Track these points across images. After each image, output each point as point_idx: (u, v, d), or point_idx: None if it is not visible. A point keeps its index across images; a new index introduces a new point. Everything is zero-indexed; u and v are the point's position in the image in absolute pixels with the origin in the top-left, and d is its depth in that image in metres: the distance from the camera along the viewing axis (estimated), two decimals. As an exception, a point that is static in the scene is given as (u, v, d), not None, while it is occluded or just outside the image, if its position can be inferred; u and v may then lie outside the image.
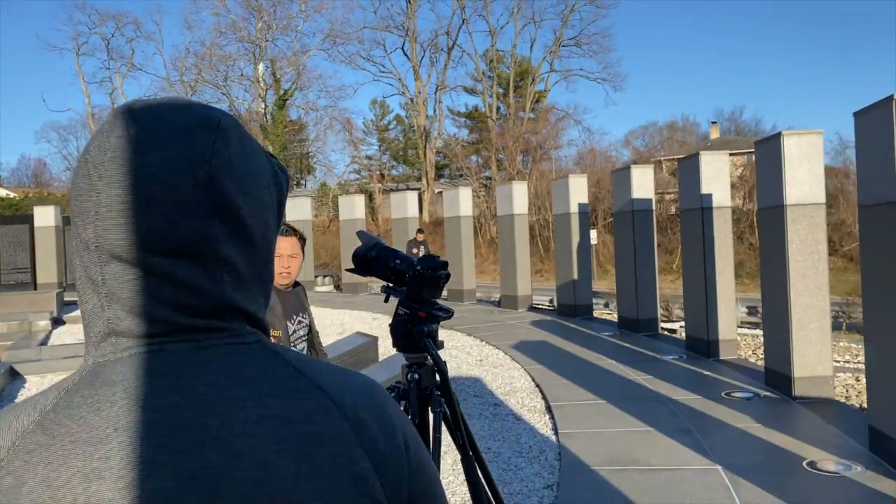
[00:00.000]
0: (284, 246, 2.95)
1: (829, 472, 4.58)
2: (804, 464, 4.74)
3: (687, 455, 5.01)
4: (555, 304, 13.64)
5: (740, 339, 9.88)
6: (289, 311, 3.01)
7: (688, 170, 8.49)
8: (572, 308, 12.08)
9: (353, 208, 17.80)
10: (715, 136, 44.56)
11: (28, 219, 19.54)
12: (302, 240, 3.10)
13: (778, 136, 6.31)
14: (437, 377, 1.88)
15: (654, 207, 10.25)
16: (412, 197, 16.95)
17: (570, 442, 5.42)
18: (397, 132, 53.19)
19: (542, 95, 44.79)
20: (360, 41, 43.30)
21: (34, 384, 8.00)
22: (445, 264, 1.91)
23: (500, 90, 44.62)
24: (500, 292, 14.48)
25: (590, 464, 4.93)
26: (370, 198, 40.18)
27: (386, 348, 9.42)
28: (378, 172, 47.52)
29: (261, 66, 41.68)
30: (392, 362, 7.24)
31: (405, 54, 43.34)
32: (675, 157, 31.48)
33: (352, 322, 12.54)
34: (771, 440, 5.27)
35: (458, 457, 1.97)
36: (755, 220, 21.21)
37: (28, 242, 19.04)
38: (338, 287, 19.21)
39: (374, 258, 1.94)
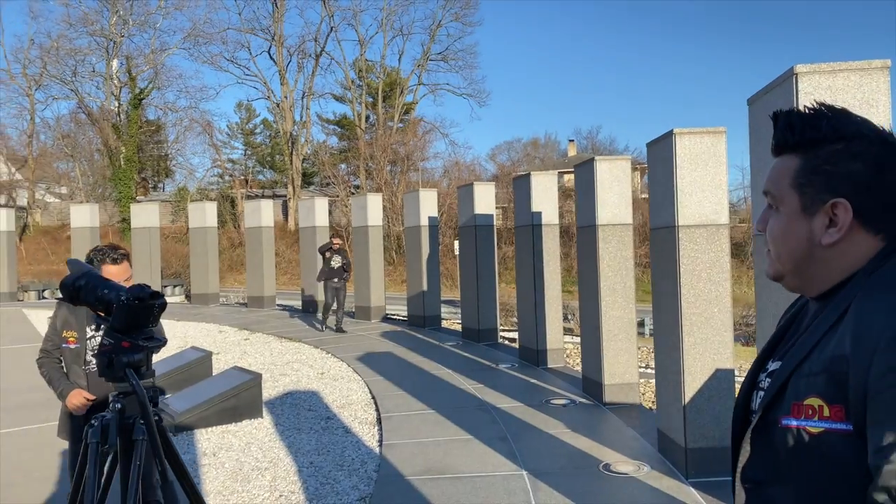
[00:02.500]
0: (116, 272, 3.25)
1: (620, 473, 4.99)
2: (600, 466, 5.13)
3: (497, 461, 5.29)
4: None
5: (571, 348, 10.49)
6: (89, 321, 3.23)
7: (521, 188, 8.96)
8: (422, 318, 12.33)
9: (205, 215, 17.19)
10: (572, 154, 46.94)
11: None
12: (128, 258, 3.40)
13: (591, 161, 6.82)
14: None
15: (494, 222, 10.70)
16: (267, 205, 16.61)
17: (392, 453, 5.55)
18: (264, 137, 51.94)
19: (411, 107, 45.37)
20: (223, 42, 42.03)
21: None
22: (155, 294, 1.94)
23: (370, 99, 44.72)
24: (354, 303, 14.50)
25: (406, 474, 5.08)
26: (232, 204, 38.93)
27: (225, 362, 9.21)
28: (242, 178, 46.14)
29: (115, 63, 39.36)
30: (227, 377, 7.11)
31: (271, 58, 42.50)
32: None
33: (196, 335, 12.12)
34: (576, 444, 5.66)
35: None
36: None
37: None
38: (188, 297, 18.45)
39: (82, 287, 1.94)
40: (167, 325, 12.75)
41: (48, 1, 46.34)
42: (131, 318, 1.87)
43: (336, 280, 11.84)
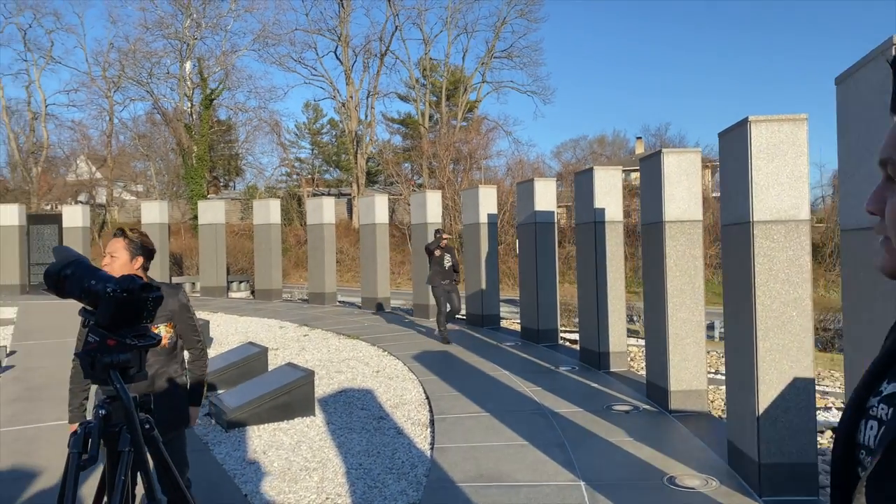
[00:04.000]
0: (110, 245, 3.20)
1: (686, 488, 4.64)
2: (664, 479, 4.79)
3: (553, 470, 5.01)
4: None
5: (635, 351, 10.06)
6: None
7: (583, 184, 8.61)
8: (480, 318, 12.10)
9: (269, 212, 17.41)
10: (640, 151, 45.78)
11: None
12: (129, 241, 3.22)
13: (658, 153, 6.44)
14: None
15: (555, 220, 10.37)
16: (329, 203, 16.70)
17: (443, 457, 5.35)
18: (331, 136, 52.67)
19: (475, 105, 45.13)
20: (291, 43, 42.82)
21: None
22: (148, 286, 1.75)
23: (434, 98, 44.73)
24: (412, 301, 14.40)
25: (456, 480, 4.87)
26: (299, 202, 39.58)
27: (283, 358, 9.21)
28: (309, 176, 46.89)
29: (188, 65, 40.51)
30: (280, 373, 7.05)
31: (337, 58, 42.95)
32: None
33: (257, 330, 12.22)
34: (639, 454, 5.33)
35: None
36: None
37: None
38: (253, 293, 18.75)
39: (68, 277, 1.76)
40: (231, 320, 12.91)
41: (127, 6, 48.20)
42: (119, 313, 1.69)
43: (447, 282, 10.43)
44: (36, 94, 43.05)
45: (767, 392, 4.48)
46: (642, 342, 10.83)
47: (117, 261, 3.16)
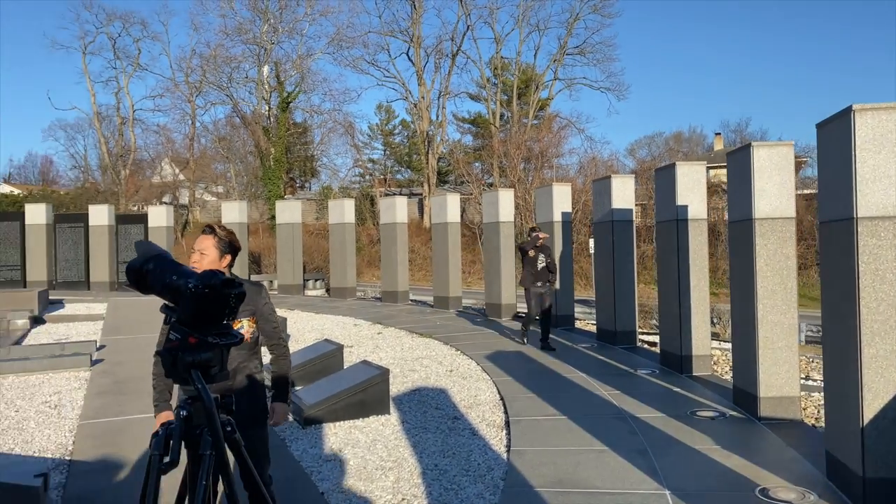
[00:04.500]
0: (199, 242, 3.17)
1: (780, 501, 4.36)
2: (756, 491, 4.52)
3: (636, 477, 4.81)
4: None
5: (719, 354, 9.65)
6: None
7: (664, 180, 8.29)
8: (554, 318, 11.86)
9: (343, 212, 17.65)
10: (719, 148, 44.26)
11: (20, 216, 19.50)
12: (219, 239, 3.19)
13: (748, 147, 6.11)
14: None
15: (633, 218, 10.05)
16: (401, 202, 16.79)
17: (520, 460, 5.22)
18: (402, 137, 53.17)
19: (546, 103, 44.67)
20: (364, 45, 43.42)
21: (-7, 385, 7.86)
22: (230, 282, 1.68)
23: (505, 97, 44.50)
24: (485, 300, 14.28)
25: (534, 484, 4.73)
26: (372, 202, 40.10)
27: (358, 355, 9.26)
28: (381, 177, 47.46)
29: (265, 69, 41.67)
30: (355, 371, 7.07)
31: (409, 59, 43.31)
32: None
33: (332, 328, 12.37)
34: (727, 464, 5.05)
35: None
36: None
37: (19, 240, 19.01)
38: (328, 291, 19.06)
39: (149, 272, 1.71)
40: (307, 317, 13.13)
41: (208, 13, 50.03)
42: (200, 310, 1.63)
43: (541, 284, 9.72)
44: (124, 100, 45.22)
45: (873, 402, 4.15)
46: (725, 345, 10.41)
47: (206, 258, 3.14)
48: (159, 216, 19.52)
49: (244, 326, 3.20)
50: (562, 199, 12.04)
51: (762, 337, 6.03)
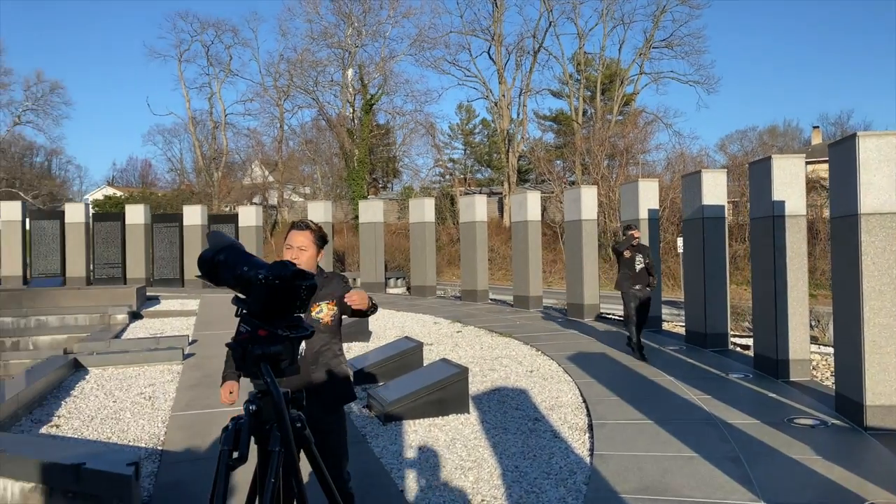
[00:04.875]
0: (294, 238, 3.16)
1: (891, 518, 4.02)
2: (863, 506, 4.19)
3: (728, 487, 4.55)
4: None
5: (818, 359, 9.08)
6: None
7: (759, 175, 7.86)
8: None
9: (424, 211, 17.74)
10: (817, 142, 41.98)
11: (120, 216, 20.60)
12: (315, 234, 3.20)
13: (853, 137, 5.70)
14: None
15: (726, 214, 9.59)
16: (481, 201, 16.71)
17: (604, 465, 5.05)
18: (483, 136, 53.11)
19: (631, 98, 43.59)
20: (446, 45, 43.67)
21: (94, 377, 8.28)
22: (301, 273, 1.63)
23: (588, 93, 43.73)
24: (566, 300, 14.02)
25: (619, 490, 4.55)
26: (452, 201, 40.25)
27: (437, 353, 9.25)
28: (461, 176, 47.56)
29: (350, 72, 42.52)
30: (435, 369, 7.05)
31: (490, 58, 43.20)
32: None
33: (412, 325, 12.43)
34: (830, 475, 4.72)
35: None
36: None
37: (120, 239, 20.08)
38: (408, 289, 19.22)
39: (221, 263, 1.67)
40: (388, 314, 13.25)
41: (295, 19, 51.54)
42: (270, 301, 1.59)
43: (639, 287, 8.97)
44: (217, 105, 47.16)
45: None
46: (825, 349, 9.80)
47: (305, 253, 3.13)
48: (249, 216, 20.20)
49: (323, 310, 3.20)
50: (649, 196, 11.65)
51: (868, 341, 5.61)
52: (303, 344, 2.80)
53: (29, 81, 46.71)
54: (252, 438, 1.63)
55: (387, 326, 12.26)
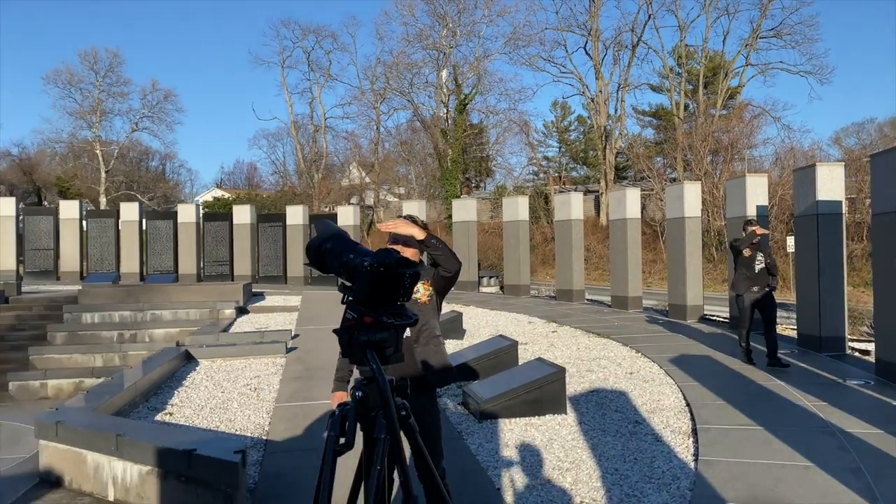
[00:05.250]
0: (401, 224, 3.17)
1: None
2: None
3: (849, 499, 4.25)
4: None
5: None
6: None
7: (881, 168, 7.30)
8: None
9: (517, 209, 17.62)
10: (946, 132, 38.73)
11: (228, 217, 21.61)
12: (416, 223, 3.22)
13: None
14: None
15: (843, 210, 8.97)
16: (577, 198, 16.41)
17: (710, 471, 4.82)
18: (578, 133, 52.31)
19: (736, 91, 41.73)
20: (541, 42, 43.11)
21: (204, 368, 8.70)
22: (405, 261, 1.61)
23: (689, 87, 42.21)
24: (667, 301, 13.55)
25: (727, 498, 4.34)
26: (546, 200, 39.86)
27: (532, 353, 9.15)
28: (556, 174, 47.01)
29: (444, 72, 42.90)
30: (531, 368, 6.97)
31: (587, 53, 42.48)
32: None
33: (506, 324, 12.36)
34: (967, 494, 4.31)
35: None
36: None
37: (227, 238, 21.06)
38: (502, 288, 19.15)
39: (328, 251, 1.68)
40: (482, 313, 13.23)
41: (391, 22, 52.49)
42: (375, 289, 1.59)
43: (758, 289, 8.25)
44: (317, 109, 48.87)
45: None
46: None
47: (408, 251, 3.21)
48: (347, 215, 20.70)
49: (420, 290, 3.33)
50: (757, 192, 11.08)
51: None
52: (407, 331, 2.82)
53: (145, 90, 49.83)
54: (358, 425, 1.64)
55: (480, 325, 12.25)
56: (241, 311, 13.96)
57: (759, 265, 8.25)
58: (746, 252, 8.26)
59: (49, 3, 77.23)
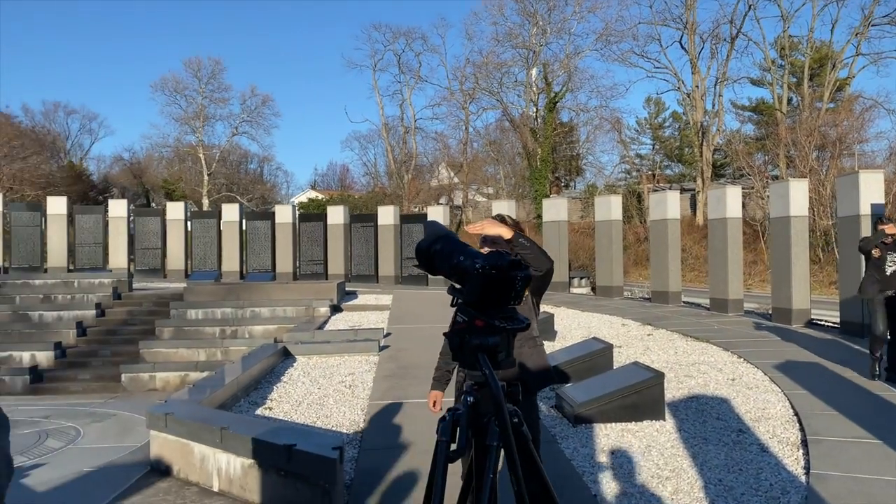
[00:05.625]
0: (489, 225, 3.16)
1: None
2: None
3: None
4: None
5: None
6: None
7: None
8: (859, 326, 10.27)
9: (610, 209, 17.23)
10: None
11: (322, 217, 22.21)
12: (505, 223, 3.23)
13: None
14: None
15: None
16: (673, 197, 15.87)
17: (823, 486, 4.52)
18: (673, 130, 50.69)
19: (845, 83, 39.28)
20: (634, 38, 41.99)
21: (301, 364, 8.96)
22: (518, 264, 1.55)
23: (793, 79, 40.09)
24: (771, 304, 12.90)
25: (844, 517, 4.05)
26: (639, 199, 38.85)
27: (626, 356, 8.91)
28: (649, 173, 45.75)
29: (533, 71, 42.56)
30: (627, 372, 6.78)
31: (682, 47, 41.03)
32: None
33: (599, 326, 12.10)
34: None
35: None
36: None
37: (322, 238, 21.65)
38: (593, 289, 18.78)
39: (437, 252, 1.65)
40: (573, 314, 13.02)
41: (481, 22, 52.59)
42: (487, 291, 1.55)
43: (892, 292, 7.63)
44: (407, 111, 49.38)
45: None
46: None
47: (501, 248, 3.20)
48: (437, 216, 20.85)
49: None
50: (871, 189, 10.36)
51: None
52: None
53: (245, 96, 51.82)
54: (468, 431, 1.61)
55: (572, 327, 12.05)
56: (335, 309, 14.30)
57: (892, 267, 7.63)
58: (876, 252, 7.66)
59: (157, 14, 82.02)
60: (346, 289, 17.33)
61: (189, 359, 11.51)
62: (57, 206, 21.59)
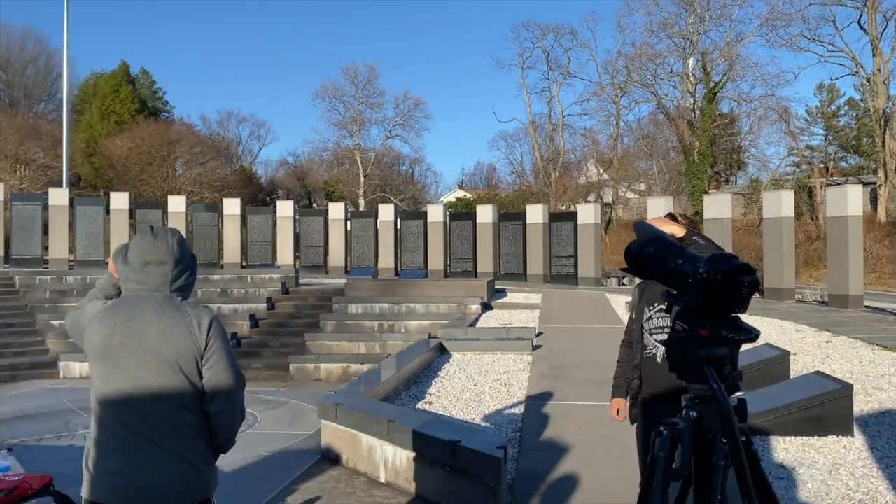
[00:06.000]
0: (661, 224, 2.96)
1: None
2: None
3: None
4: None
5: None
6: (651, 299, 2.98)
7: None
8: None
9: (781, 205, 16.00)
10: None
11: (471, 216, 22.49)
12: (676, 221, 3.02)
13: None
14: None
15: None
16: (854, 191, 14.46)
17: None
18: (850, 118, 46.30)
19: None
20: (804, 20, 38.75)
21: (456, 360, 9.08)
22: (745, 268, 1.41)
23: None
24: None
25: None
26: (810, 194, 35.92)
27: (802, 364, 8.23)
28: (821, 165, 42.11)
29: (691, 61, 40.55)
30: (807, 382, 6.26)
31: (861, 28, 37.34)
32: None
33: (769, 331, 11.25)
34: None
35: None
36: None
37: (471, 236, 21.91)
38: (760, 291, 17.55)
39: (650, 256, 1.52)
40: (745, 318, 12.28)
41: (633, 13, 50.84)
42: (711, 299, 1.43)
43: None
44: (555, 108, 48.78)
45: None
46: None
47: None
48: (587, 214, 20.42)
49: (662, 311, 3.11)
50: None
51: None
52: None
53: (398, 100, 53.46)
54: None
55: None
56: (486, 306, 14.40)
57: None
58: None
59: (319, 25, 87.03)
60: (496, 287, 17.41)
61: (350, 351, 12.07)
62: (232, 206, 23.44)
